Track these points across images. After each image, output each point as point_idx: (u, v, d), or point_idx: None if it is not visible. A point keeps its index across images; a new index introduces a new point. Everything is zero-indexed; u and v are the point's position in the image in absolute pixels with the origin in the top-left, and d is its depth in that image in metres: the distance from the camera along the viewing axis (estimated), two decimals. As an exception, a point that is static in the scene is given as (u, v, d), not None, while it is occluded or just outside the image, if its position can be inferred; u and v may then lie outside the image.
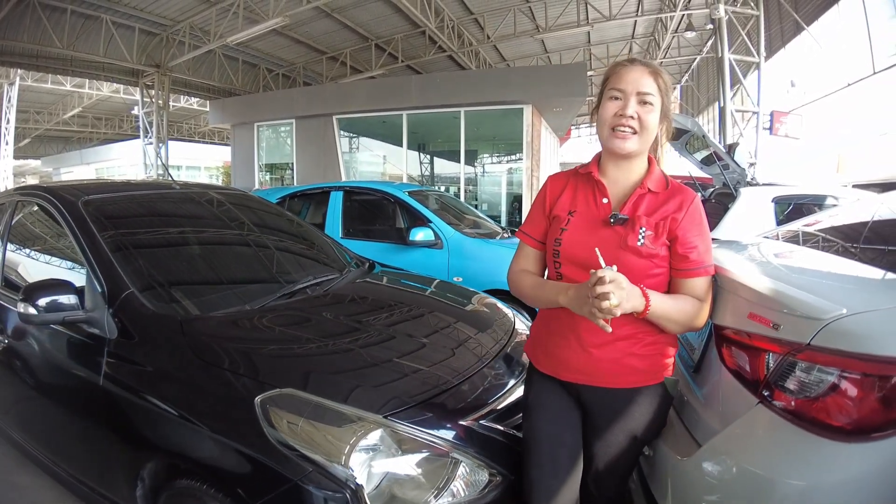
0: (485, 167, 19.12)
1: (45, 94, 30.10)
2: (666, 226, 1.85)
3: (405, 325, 3.01)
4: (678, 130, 6.85)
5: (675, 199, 1.90)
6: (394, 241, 6.56)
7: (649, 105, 1.86)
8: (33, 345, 3.07)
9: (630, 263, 1.81)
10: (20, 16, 14.53)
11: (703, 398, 2.02)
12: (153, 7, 16.32)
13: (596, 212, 1.93)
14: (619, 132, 1.86)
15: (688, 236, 1.86)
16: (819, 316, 1.58)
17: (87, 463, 2.90)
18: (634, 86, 1.86)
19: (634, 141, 1.87)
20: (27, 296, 2.56)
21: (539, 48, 23.21)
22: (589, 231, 1.90)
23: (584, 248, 1.86)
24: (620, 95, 1.86)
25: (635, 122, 1.85)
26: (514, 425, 2.35)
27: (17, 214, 3.66)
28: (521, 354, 2.84)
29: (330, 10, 16.91)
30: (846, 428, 1.51)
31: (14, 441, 3.54)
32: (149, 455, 2.34)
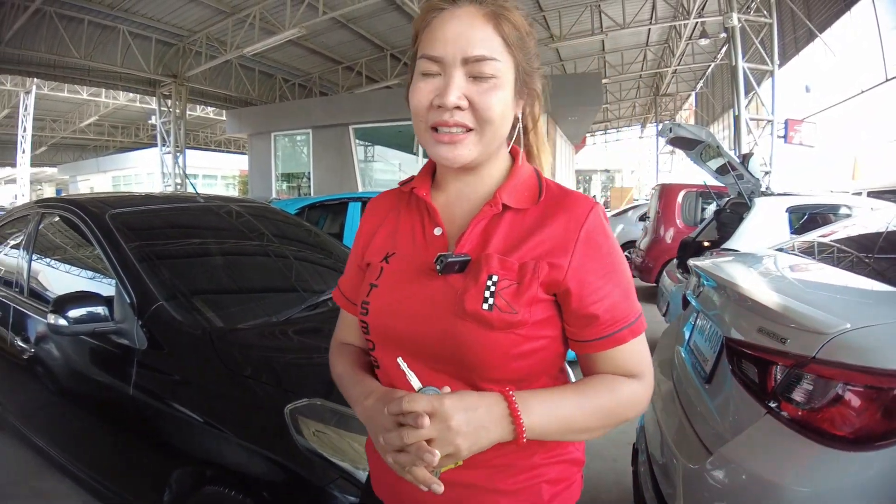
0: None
1: (61, 102, 30.29)
2: (539, 271, 1.04)
3: None
4: (692, 141, 6.90)
5: (556, 218, 1.08)
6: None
7: (489, 78, 1.04)
8: (59, 354, 3.17)
9: (474, 341, 1.03)
10: (36, 26, 14.70)
11: (714, 408, 2.06)
12: (170, 18, 16.48)
13: (424, 252, 1.14)
14: (444, 133, 1.06)
15: (591, 283, 1.04)
16: (824, 330, 1.63)
17: (114, 469, 2.99)
18: (457, 47, 1.03)
19: (470, 145, 1.06)
20: (57, 307, 2.63)
21: (554, 56, 23.21)
22: (408, 286, 1.12)
23: (402, 319, 1.10)
24: (435, 68, 1.05)
25: (466, 114, 1.04)
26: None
27: (40, 226, 3.78)
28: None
29: (345, 20, 17.01)
30: (850, 438, 1.54)
31: (37, 447, 3.63)
32: (176, 462, 2.42)
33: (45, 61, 16.81)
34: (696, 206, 10.36)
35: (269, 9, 15.66)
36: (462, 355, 1.04)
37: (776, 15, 13.90)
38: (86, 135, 35.95)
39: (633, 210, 14.88)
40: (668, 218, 10.44)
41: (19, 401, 3.82)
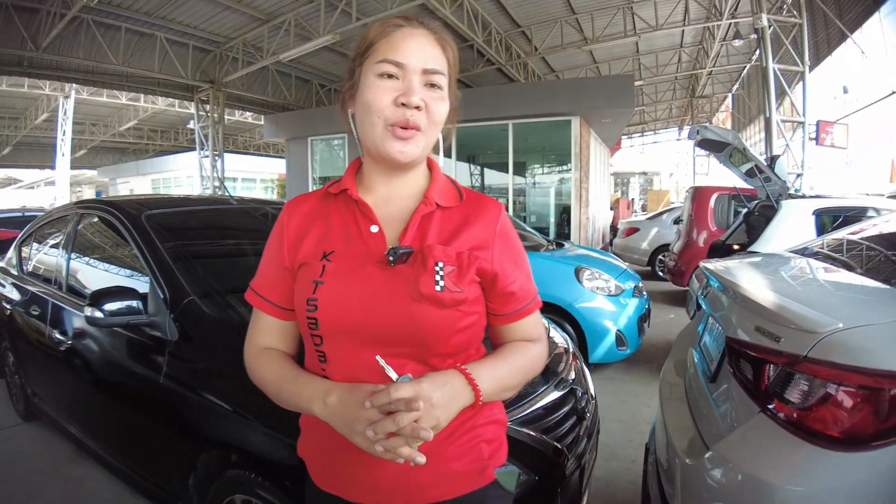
0: (533, 179, 19.21)
1: (100, 106, 30.93)
2: (473, 259, 1.27)
3: None
4: (719, 143, 6.91)
5: (477, 217, 1.33)
6: (442, 253, 6.71)
7: (438, 89, 1.26)
8: (94, 345, 3.37)
9: (429, 320, 1.21)
10: (74, 32, 15.06)
11: (715, 407, 2.10)
12: (206, 25, 16.79)
13: (364, 248, 1.27)
14: (401, 131, 1.23)
15: (506, 268, 1.33)
16: (816, 329, 1.65)
17: (143, 455, 3.19)
18: (419, 59, 1.23)
19: (419, 142, 1.25)
20: (94, 301, 2.81)
21: (588, 59, 23.17)
22: (359, 280, 1.24)
23: (356, 310, 1.21)
24: (398, 72, 1.22)
25: (422, 115, 1.23)
26: (541, 429, 2.48)
27: (79, 226, 4.02)
28: (554, 361, 3.03)
29: (380, 26, 17.16)
30: (841, 438, 1.55)
31: (71, 435, 3.89)
32: (203, 447, 2.57)
33: (84, 67, 17.22)
34: (728, 209, 10.31)
35: (304, 15, 15.91)
36: (417, 333, 1.21)
37: (806, 15, 13.71)
38: (125, 138, 36.55)
39: (667, 213, 14.82)
40: (700, 221, 10.41)
41: (55, 392, 4.08)
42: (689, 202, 10.81)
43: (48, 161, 33.99)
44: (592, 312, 5.92)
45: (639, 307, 6.18)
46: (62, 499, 3.72)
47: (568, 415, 2.72)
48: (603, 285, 6.06)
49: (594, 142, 17.06)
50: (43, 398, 4.36)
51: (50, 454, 4.32)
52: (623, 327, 5.92)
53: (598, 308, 5.94)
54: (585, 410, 2.87)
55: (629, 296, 6.17)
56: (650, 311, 6.67)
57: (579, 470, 2.61)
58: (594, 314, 5.92)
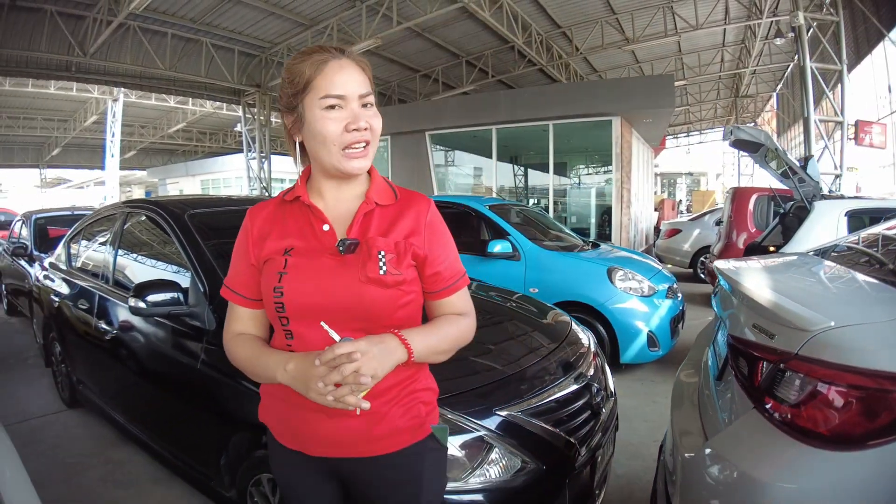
0: (574, 180, 19.15)
1: (149, 109, 31.60)
2: (408, 246, 1.56)
3: None
4: (752, 143, 6.86)
5: (409, 211, 1.60)
6: (474, 252, 6.85)
7: (371, 107, 1.52)
8: (137, 334, 3.60)
9: (375, 298, 1.49)
10: (121, 39, 15.55)
11: (718, 404, 2.12)
12: (251, 30, 17.18)
13: (318, 244, 1.54)
14: (356, 151, 1.49)
15: (435, 252, 1.61)
16: (807, 327, 1.65)
17: (180, 437, 3.42)
18: (354, 87, 1.48)
19: (369, 155, 1.53)
20: (138, 292, 3.02)
21: (630, 59, 23.02)
22: (316, 270, 1.51)
23: (316, 293, 1.49)
24: (341, 103, 1.46)
25: (367, 132, 1.50)
26: (552, 421, 2.59)
27: (126, 224, 4.26)
28: (573, 357, 3.13)
29: (420, 29, 17.42)
30: (829, 436, 1.54)
31: (114, 420, 4.16)
32: (235, 429, 2.76)
33: (131, 72, 17.77)
34: (767, 211, 10.16)
35: (346, 21, 16.21)
36: (366, 310, 1.50)
37: (842, 13, 13.42)
38: (174, 140, 37.28)
39: (709, 214, 14.65)
40: (739, 222, 10.29)
41: (99, 378, 4.35)
42: (729, 203, 10.67)
43: (97, 162, 34.94)
44: (624, 313, 5.94)
45: (672, 308, 6.16)
46: (102, 479, 3.95)
47: (582, 409, 2.81)
48: (636, 286, 6.06)
49: (636, 142, 16.91)
50: (88, 385, 4.63)
51: (92, 438, 4.58)
52: (655, 328, 5.92)
53: (630, 309, 5.95)
54: (601, 406, 2.95)
55: (662, 297, 6.16)
56: (684, 312, 6.63)
57: (591, 464, 2.68)
58: (626, 315, 5.93)
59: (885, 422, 1.49)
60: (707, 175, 60.28)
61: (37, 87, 24.65)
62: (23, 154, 36.50)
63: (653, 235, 21.67)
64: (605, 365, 3.46)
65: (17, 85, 23.73)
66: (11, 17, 13.79)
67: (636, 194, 17.05)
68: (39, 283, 5.66)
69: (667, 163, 54.26)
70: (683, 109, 33.92)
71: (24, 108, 28.52)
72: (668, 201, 32.69)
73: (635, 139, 16.78)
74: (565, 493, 2.49)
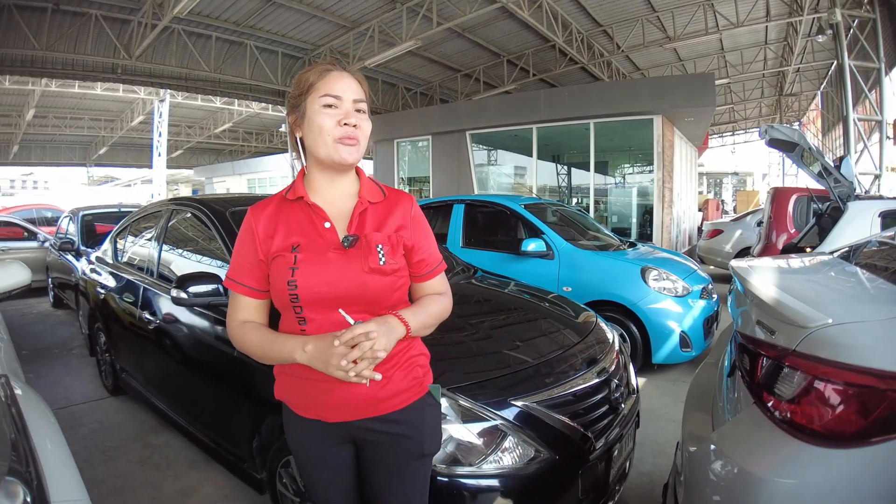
0: (616, 179, 19.04)
1: (195, 109, 32.30)
2: (399, 238, 1.83)
3: (486, 318, 3.47)
4: (788, 143, 6.81)
5: (398, 207, 1.87)
6: (509, 251, 6.93)
7: (363, 113, 1.79)
8: (179, 325, 3.80)
9: (377, 285, 1.75)
10: (166, 42, 16.04)
11: (726, 399, 2.16)
12: (294, 33, 17.50)
13: (321, 240, 1.77)
14: (347, 140, 1.74)
15: (420, 243, 1.89)
16: (805, 324, 1.67)
17: (216, 422, 3.61)
18: (350, 93, 1.76)
19: (359, 150, 1.78)
20: (180, 284, 3.20)
21: (672, 57, 22.79)
22: (323, 264, 1.73)
23: (326, 284, 1.72)
24: (336, 102, 1.73)
25: (357, 130, 1.75)
26: (568, 413, 2.67)
27: (172, 221, 4.48)
28: (595, 352, 3.20)
29: (461, 30, 17.52)
30: (822, 433, 1.56)
31: (155, 407, 4.39)
32: (267, 413, 2.90)
33: (176, 74, 18.26)
34: (807, 211, 9.96)
35: (387, 22, 16.38)
36: (369, 295, 1.75)
37: (879, 10, 13.11)
38: (221, 140, 37.89)
39: (751, 215, 14.46)
40: (779, 223, 10.13)
41: (142, 367, 4.57)
42: (769, 204, 10.50)
43: (144, 160, 35.76)
44: (657, 313, 5.92)
45: (706, 309, 6.13)
46: (140, 462, 4.15)
47: (600, 403, 2.88)
48: (669, 286, 6.04)
49: (679, 141, 16.74)
50: (130, 373, 4.87)
51: (133, 424, 4.81)
52: (688, 329, 5.89)
53: (662, 309, 5.93)
54: (620, 401, 3.00)
55: (697, 297, 6.13)
56: (719, 313, 6.58)
57: (607, 458, 2.75)
58: (659, 314, 5.91)
59: (879, 420, 1.49)
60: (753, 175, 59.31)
61: (83, 88, 25.32)
62: (70, 152, 37.47)
63: (696, 236, 21.42)
64: (628, 362, 3.50)
65: (64, 86, 24.41)
66: (56, 21, 14.29)
67: (678, 194, 16.87)
68: (86, 277, 5.91)
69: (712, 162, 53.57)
70: (728, 108, 33.38)
71: (71, 108, 29.28)
72: (712, 201, 32.25)
73: (678, 138, 16.62)
74: (578, 484, 2.57)
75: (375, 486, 1.93)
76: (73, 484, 1.66)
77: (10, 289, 3.24)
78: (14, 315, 9.76)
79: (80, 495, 1.63)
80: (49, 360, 6.91)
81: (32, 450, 1.66)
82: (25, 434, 1.72)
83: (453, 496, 2.34)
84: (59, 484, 1.59)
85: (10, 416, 1.76)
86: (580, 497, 2.60)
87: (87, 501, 1.63)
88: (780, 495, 1.59)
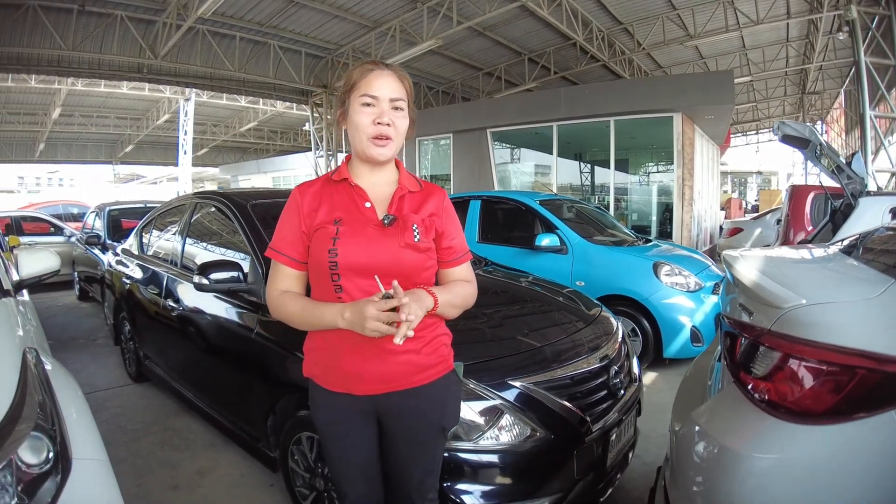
0: (636, 177, 19.01)
1: (220, 109, 32.57)
2: (432, 222, 2.02)
3: (492, 306, 3.56)
4: (802, 139, 6.84)
5: (432, 197, 2.06)
6: (523, 246, 7.06)
7: (401, 111, 1.94)
8: (201, 312, 4.01)
9: (410, 260, 1.91)
10: (191, 42, 16.34)
11: (715, 382, 2.23)
12: (316, 33, 17.73)
13: (361, 217, 1.94)
14: (378, 141, 1.91)
15: (449, 230, 2.07)
16: (780, 304, 1.72)
17: (233, 403, 3.81)
18: (387, 92, 1.90)
19: (391, 147, 1.94)
20: (202, 271, 3.40)
21: (694, 54, 22.66)
22: (364, 236, 1.91)
23: (365, 255, 1.88)
24: (374, 102, 1.89)
25: (392, 129, 1.91)
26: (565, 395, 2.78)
27: (196, 213, 4.68)
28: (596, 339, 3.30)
29: (482, 29, 17.59)
30: (794, 410, 1.61)
31: (176, 391, 4.60)
32: (282, 392, 3.08)
33: (201, 73, 18.63)
34: (825, 209, 9.92)
35: (408, 22, 16.51)
36: (403, 268, 1.90)
37: (893, 7, 12.94)
38: (246, 138, 38.19)
39: (771, 213, 14.42)
40: (797, 221, 10.06)
41: (165, 353, 4.80)
42: (787, 202, 10.44)
43: (170, 159, 36.16)
44: (668, 307, 5.98)
45: (718, 304, 6.17)
46: (160, 443, 4.34)
47: (598, 388, 2.99)
48: (682, 281, 6.09)
49: (700, 139, 16.66)
50: (153, 360, 5.09)
51: (154, 409, 5.01)
52: (699, 323, 5.94)
53: (674, 304, 5.99)
54: (619, 388, 3.10)
55: (709, 293, 6.18)
56: (731, 308, 6.60)
57: (604, 442, 2.86)
58: (670, 309, 5.98)
59: (850, 397, 1.53)
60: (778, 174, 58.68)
61: (109, 87, 25.63)
62: (96, 150, 37.85)
63: (718, 235, 21.31)
64: (631, 351, 3.59)
65: (90, 85, 24.71)
66: (82, 21, 14.61)
67: (699, 192, 16.78)
68: (112, 269, 6.17)
69: (736, 161, 53.05)
70: (751, 106, 33.13)
71: (97, 107, 29.64)
72: (734, 200, 32.01)
73: (698, 136, 16.55)
74: (573, 465, 2.69)
75: (401, 458, 2.07)
76: (94, 444, 1.83)
77: (39, 274, 3.42)
78: (40, 307, 9.81)
79: (101, 455, 1.80)
80: (74, 349, 7.14)
81: (58, 412, 1.82)
82: (52, 398, 1.88)
83: (453, 469, 2.47)
84: (81, 443, 1.75)
85: (39, 381, 1.92)
86: (576, 476, 2.71)
87: (105, 461, 1.79)
88: (758, 471, 1.62)
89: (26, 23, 13.87)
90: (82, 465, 1.67)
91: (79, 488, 1.60)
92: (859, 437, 1.53)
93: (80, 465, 1.66)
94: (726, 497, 1.70)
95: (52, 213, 15.71)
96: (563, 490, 2.67)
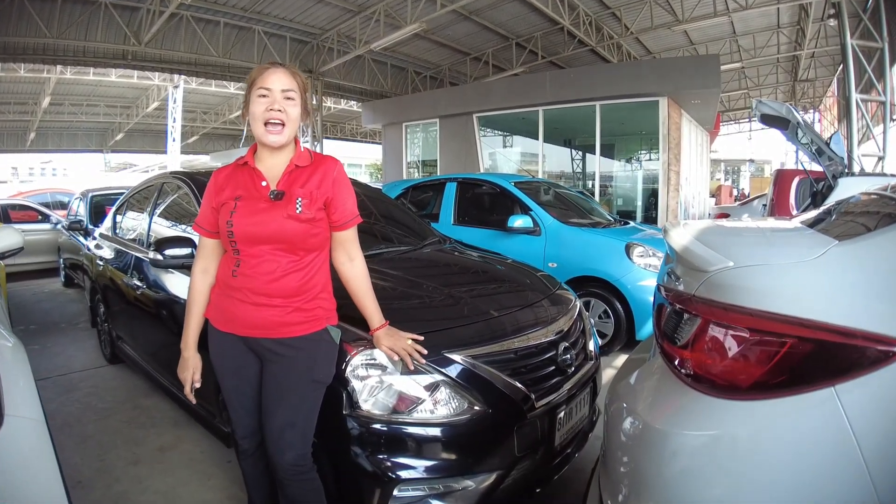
0: (622, 162, 18.97)
1: (210, 96, 32.41)
2: (319, 193, 2.29)
3: (441, 279, 3.59)
4: (781, 119, 6.81)
5: (320, 169, 2.35)
6: (497, 227, 7.01)
7: (292, 100, 2.26)
8: (160, 290, 4.07)
9: (293, 229, 2.22)
10: (175, 28, 16.37)
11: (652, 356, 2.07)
12: (301, 17, 17.70)
13: (257, 194, 2.27)
14: (272, 127, 2.24)
15: (337, 197, 2.34)
16: (705, 268, 1.58)
17: None
18: (279, 84, 2.23)
19: (284, 133, 2.26)
20: (157, 247, 3.49)
21: (684, 40, 22.55)
22: (255, 210, 2.24)
23: (253, 226, 2.21)
24: (268, 93, 2.23)
25: (283, 114, 2.24)
26: (507, 370, 2.72)
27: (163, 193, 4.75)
28: (547, 314, 3.24)
29: (467, 13, 17.49)
30: (720, 383, 1.50)
31: (145, 371, 4.65)
32: None
33: (186, 59, 18.55)
34: (810, 193, 9.93)
35: (392, 6, 16.48)
36: (287, 236, 2.23)
37: None
38: (236, 125, 37.81)
39: (758, 199, 14.41)
40: (781, 204, 10.08)
41: (132, 332, 4.88)
42: (772, 186, 10.45)
43: (161, 146, 35.83)
44: (641, 289, 5.93)
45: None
46: (128, 421, 4.44)
47: (545, 363, 2.92)
48: (655, 262, 6.02)
49: (687, 124, 16.65)
50: (125, 340, 5.12)
51: (126, 389, 5.11)
52: (672, 305, 5.88)
53: (647, 286, 5.91)
54: (570, 364, 3.02)
55: (684, 274, 6.13)
56: (707, 290, 6.56)
57: (549, 418, 2.80)
58: (643, 291, 5.92)
59: (777, 370, 1.41)
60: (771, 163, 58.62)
61: (98, 75, 25.57)
62: (86, 139, 37.67)
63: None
64: (588, 329, 3.53)
65: (79, 73, 24.67)
66: (66, 9, 14.61)
67: (686, 178, 16.78)
68: (90, 252, 6.19)
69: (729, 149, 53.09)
70: (743, 93, 33.05)
71: (87, 95, 29.53)
72: (725, 187, 32.06)
73: (686, 121, 16.53)
74: (513, 441, 2.60)
75: (266, 404, 2.36)
76: (30, 405, 1.86)
77: (2, 251, 3.55)
78: (25, 293, 10.20)
79: (36, 415, 1.83)
80: (55, 333, 7.22)
81: None
82: None
83: (388, 441, 2.46)
84: (16, 403, 1.78)
85: None
86: (517, 454, 2.62)
87: (41, 421, 1.81)
88: (684, 450, 1.52)
89: (12, 11, 13.86)
90: (15, 422, 1.70)
91: (9, 444, 1.64)
92: (794, 414, 1.37)
93: (12, 422, 1.69)
94: (652, 479, 1.60)
95: (39, 201, 15.57)
96: (503, 467, 2.59)
